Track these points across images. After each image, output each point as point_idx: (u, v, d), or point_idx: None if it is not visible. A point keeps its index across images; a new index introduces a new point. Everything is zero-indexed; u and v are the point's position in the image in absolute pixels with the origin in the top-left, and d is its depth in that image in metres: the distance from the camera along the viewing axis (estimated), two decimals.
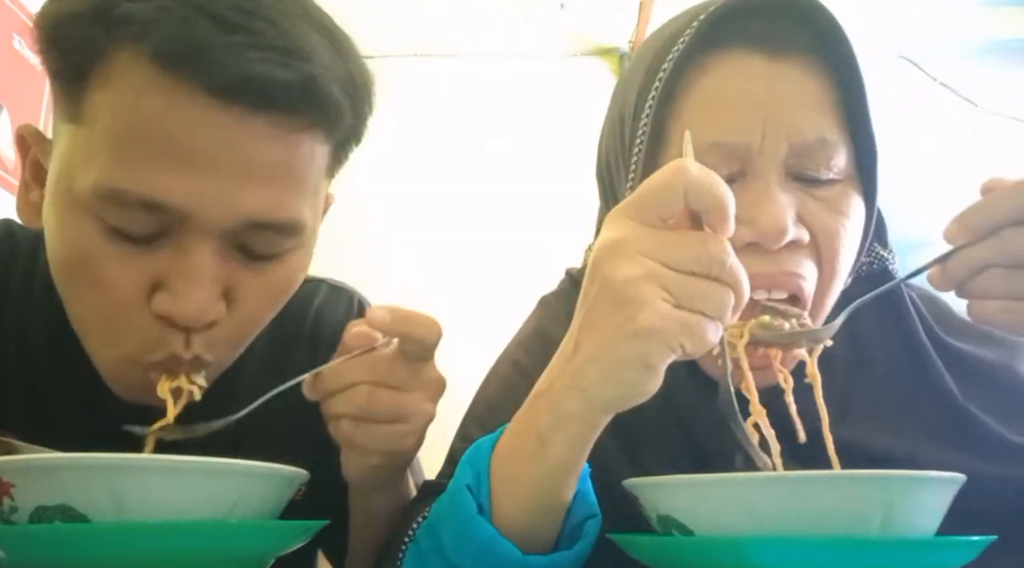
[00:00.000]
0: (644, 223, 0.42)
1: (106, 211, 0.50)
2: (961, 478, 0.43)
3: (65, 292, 0.55)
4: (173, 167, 0.49)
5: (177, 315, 0.51)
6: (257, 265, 0.55)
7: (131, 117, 0.49)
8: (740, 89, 0.54)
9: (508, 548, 0.45)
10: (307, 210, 0.55)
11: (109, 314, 0.53)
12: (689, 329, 0.40)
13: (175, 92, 0.48)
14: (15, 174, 1.79)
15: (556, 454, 0.45)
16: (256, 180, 0.51)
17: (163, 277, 0.52)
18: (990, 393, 0.59)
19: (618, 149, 0.61)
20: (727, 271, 0.41)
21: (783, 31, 0.54)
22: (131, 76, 0.49)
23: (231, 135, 0.50)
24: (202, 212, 0.50)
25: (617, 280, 0.41)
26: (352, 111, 0.56)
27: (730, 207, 0.42)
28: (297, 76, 0.50)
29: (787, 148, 0.53)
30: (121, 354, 0.54)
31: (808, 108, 0.53)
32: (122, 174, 0.49)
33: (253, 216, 0.52)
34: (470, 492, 0.47)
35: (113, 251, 0.51)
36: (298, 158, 0.53)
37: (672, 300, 0.41)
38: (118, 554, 0.40)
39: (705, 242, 0.41)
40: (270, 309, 0.59)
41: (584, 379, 0.43)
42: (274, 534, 0.47)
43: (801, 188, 0.54)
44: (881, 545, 0.40)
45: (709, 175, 0.42)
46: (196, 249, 0.51)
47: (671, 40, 0.56)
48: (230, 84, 0.48)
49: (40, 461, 0.41)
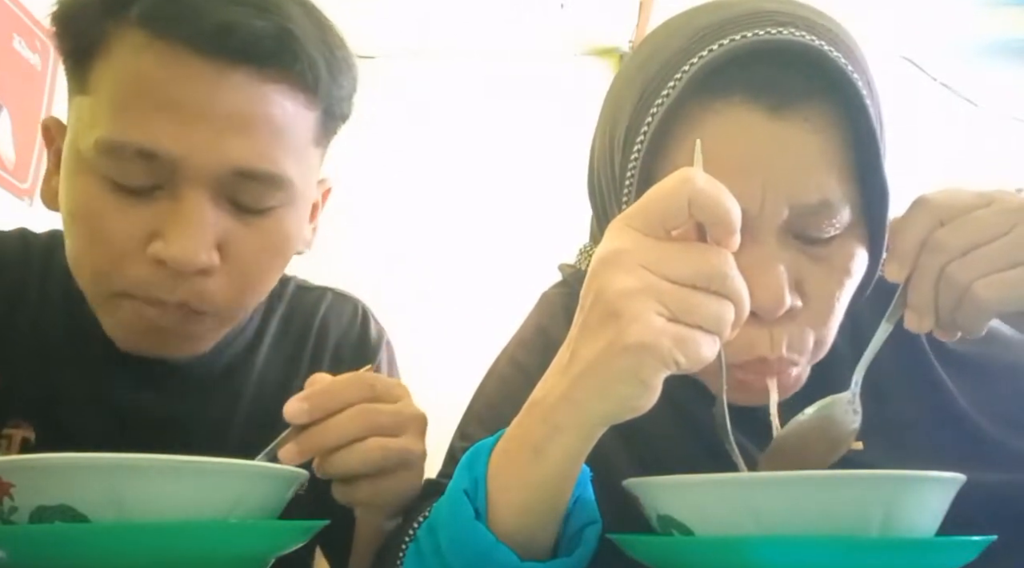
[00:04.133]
0: (646, 233, 0.41)
1: (107, 165, 0.56)
2: (961, 478, 0.43)
3: (73, 246, 0.60)
4: (164, 119, 0.55)
5: (169, 258, 0.55)
6: (248, 218, 0.59)
7: (126, 78, 0.55)
8: (739, 151, 0.49)
9: (506, 554, 0.45)
10: (292, 167, 0.59)
11: (110, 261, 0.57)
12: (684, 344, 0.39)
13: (163, 52, 0.55)
14: (15, 174, 1.79)
15: (551, 464, 0.45)
16: (240, 130, 0.56)
17: (159, 226, 0.56)
18: (992, 397, 0.59)
19: (609, 174, 0.59)
20: (728, 285, 0.40)
21: (788, 79, 0.49)
22: (126, 44, 0.56)
23: (215, 87, 0.55)
24: (191, 159, 0.55)
25: (612, 292, 0.41)
26: (330, 76, 0.61)
27: (736, 220, 0.40)
28: (272, 27, 0.56)
29: (787, 211, 0.50)
30: (115, 291, 0.58)
31: (811, 169, 0.49)
32: (120, 129, 0.55)
33: (238, 164, 0.56)
34: (467, 497, 0.47)
35: (114, 204, 0.56)
36: (280, 111, 0.58)
37: (668, 314, 0.40)
38: (118, 554, 0.40)
39: (707, 254, 0.40)
40: (264, 267, 0.61)
41: (578, 392, 0.43)
42: (274, 534, 0.47)
43: (800, 248, 0.51)
44: (881, 545, 0.40)
45: (715, 186, 0.40)
46: (188, 198, 0.56)
47: (664, 74, 0.51)
48: (210, 35, 0.54)
49: (40, 461, 0.41)
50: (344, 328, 0.78)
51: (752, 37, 0.49)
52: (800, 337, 0.52)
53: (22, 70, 1.82)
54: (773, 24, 0.50)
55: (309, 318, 0.76)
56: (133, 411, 0.67)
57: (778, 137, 0.49)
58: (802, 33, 0.49)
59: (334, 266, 2.56)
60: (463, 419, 0.68)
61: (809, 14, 0.52)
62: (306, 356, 0.74)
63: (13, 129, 1.78)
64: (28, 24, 1.83)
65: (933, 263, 0.47)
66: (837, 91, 0.50)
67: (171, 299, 0.57)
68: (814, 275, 0.52)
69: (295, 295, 0.78)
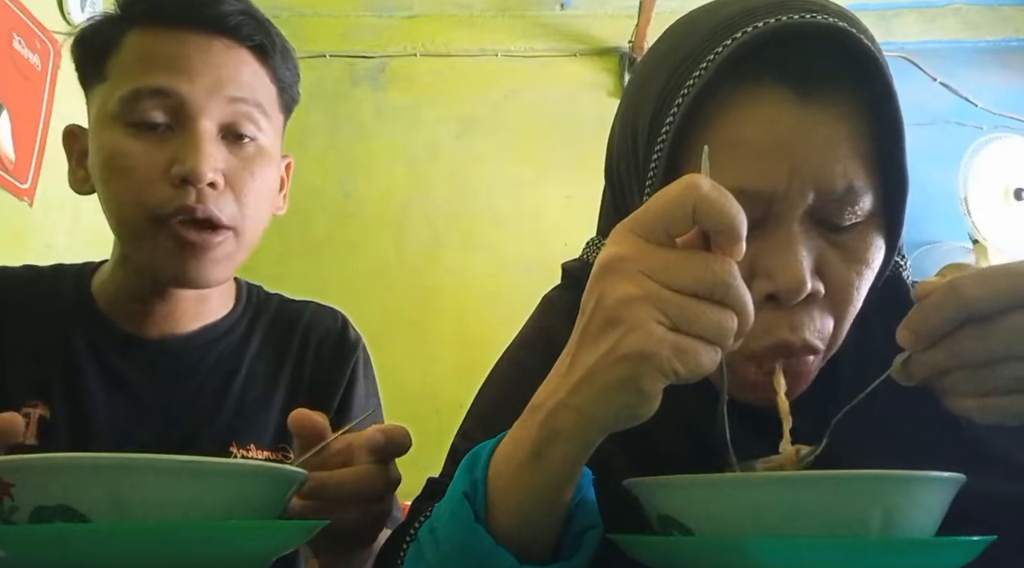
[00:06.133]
0: (649, 240, 0.41)
1: (129, 111, 0.73)
2: (961, 478, 0.43)
3: (107, 189, 0.75)
4: (170, 72, 0.73)
5: (186, 172, 0.71)
6: (237, 150, 0.76)
7: (137, 55, 0.74)
8: (768, 134, 0.49)
9: (506, 557, 0.45)
10: (264, 101, 0.78)
11: (140, 190, 0.72)
12: (683, 354, 0.39)
13: (162, 32, 0.74)
14: (15, 174, 1.79)
15: (550, 468, 0.45)
16: (228, 77, 0.75)
17: (175, 154, 0.72)
18: None
19: (630, 164, 0.59)
20: (731, 295, 0.39)
21: (817, 62, 0.49)
22: (134, 35, 0.75)
23: (204, 50, 0.75)
24: (194, 95, 0.73)
25: (612, 299, 0.40)
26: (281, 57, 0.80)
27: (741, 228, 0.40)
28: (237, 8, 0.77)
29: (813, 196, 0.50)
30: (148, 215, 0.72)
31: (839, 155, 0.49)
32: (137, 82, 0.73)
33: (230, 93, 0.75)
34: (467, 500, 0.47)
35: (137, 145, 0.73)
36: (252, 69, 0.78)
37: (668, 323, 0.39)
38: (118, 554, 0.40)
39: (710, 263, 0.40)
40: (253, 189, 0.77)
41: (577, 398, 0.42)
42: (274, 534, 0.47)
43: (822, 234, 0.51)
44: (881, 545, 0.40)
45: (721, 193, 0.40)
46: (196, 130, 0.73)
47: (692, 59, 0.52)
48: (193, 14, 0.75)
49: (40, 461, 0.41)
50: (325, 330, 0.89)
51: (784, 21, 0.49)
52: (820, 323, 0.51)
53: (22, 70, 1.82)
54: (802, 10, 0.50)
55: (294, 323, 0.89)
56: (138, 393, 0.78)
57: (807, 121, 0.49)
58: (831, 18, 0.50)
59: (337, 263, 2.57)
60: (464, 420, 0.68)
61: (832, 4, 0.52)
62: (291, 352, 0.86)
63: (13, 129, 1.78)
64: (28, 24, 1.83)
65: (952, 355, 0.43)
66: (865, 78, 0.50)
67: (196, 209, 0.72)
68: (834, 262, 0.51)
69: (280, 305, 0.91)
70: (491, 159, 2.72)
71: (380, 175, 2.69)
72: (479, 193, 2.68)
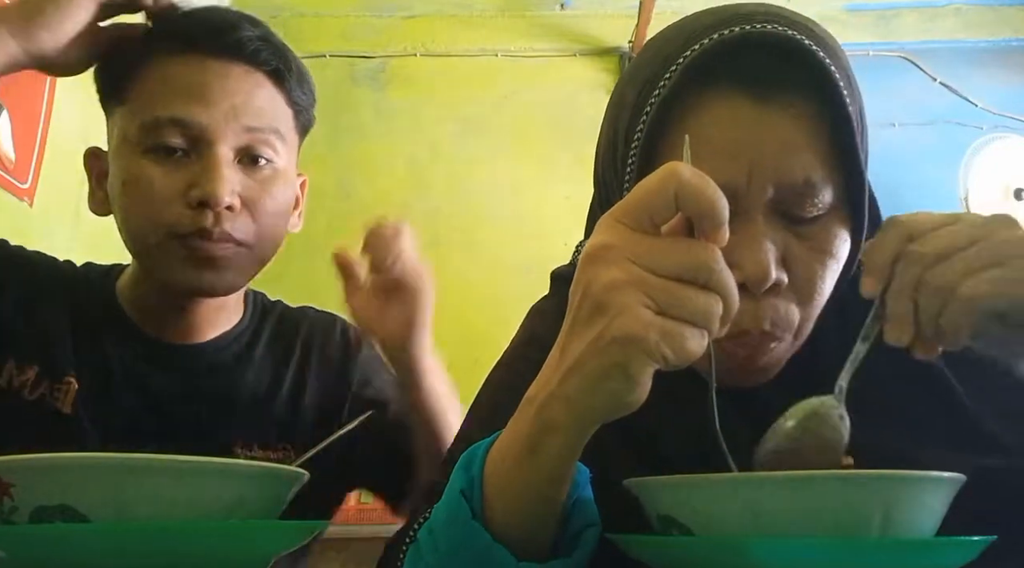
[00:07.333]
0: (634, 228, 0.42)
1: (147, 137, 0.75)
2: (961, 478, 0.43)
3: (126, 210, 0.77)
4: (190, 100, 0.75)
5: (203, 196, 0.74)
6: (253, 173, 0.79)
7: (159, 80, 0.77)
8: (727, 135, 0.53)
9: (503, 554, 0.45)
10: (281, 128, 0.81)
11: (158, 211, 0.75)
12: (671, 338, 0.39)
13: (184, 58, 0.77)
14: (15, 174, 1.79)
15: (544, 462, 0.45)
16: (245, 102, 0.77)
17: (193, 180, 0.75)
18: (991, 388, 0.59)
19: (611, 168, 0.61)
20: (715, 279, 0.40)
21: (773, 69, 0.53)
22: (155, 61, 0.77)
23: (223, 76, 0.77)
24: (213, 125, 0.75)
25: (599, 285, 0.41)
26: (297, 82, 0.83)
27: (723, 213, 0.41)
28: (257, 35, 0.80)
29: (773, 190, 0.53)
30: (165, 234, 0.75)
31: (794, 150, 0.53)
32: (156, 109, 0.75)
33: (247, 122, 0.77)
34: (464, 497, 0.47)
35: (156, 169, 0.75)
36: (270, 94, 0.80)
37: (655, 307, 0.40)
38: (118, 554, 0.40)
39: (694, 248, 0.41)
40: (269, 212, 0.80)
41: (567, 387, 0.42)
42: (274, 534, 0.47)
43: (786, 226, 0.54)
44: (881, 545, 0.41)
45: (702, 179, 0.41)
46: (213, 156, 0.75)
47: (663, 67, 0.56)
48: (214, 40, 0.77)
49: (40, 461, 0.41)
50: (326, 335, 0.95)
51: (740, 31, 0.53)
52: (785, 312, 0.54)
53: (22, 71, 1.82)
54: (758, 21, 0.54)
55: (295, 329, 0.94)
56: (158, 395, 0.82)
57: (763, 121, 0.53)
58: (784, 28, 0.53)
59: None
60: (462, 425, 0.69)
61: (792, 15, 0.56)
62: (294, 357, 0.91)
63: (13, 129, 1.78)
64: None
65: (909, 273, 0.47)
66: (818, 82, 0.53)
67: (213, 232, 0.75)
68: (799, 252, 0.54)
69: (282, 312, 0.96)
70: (491, 159, 2.72)
71: (380, 175, 2.69)
72: (479, 193, 2.68)
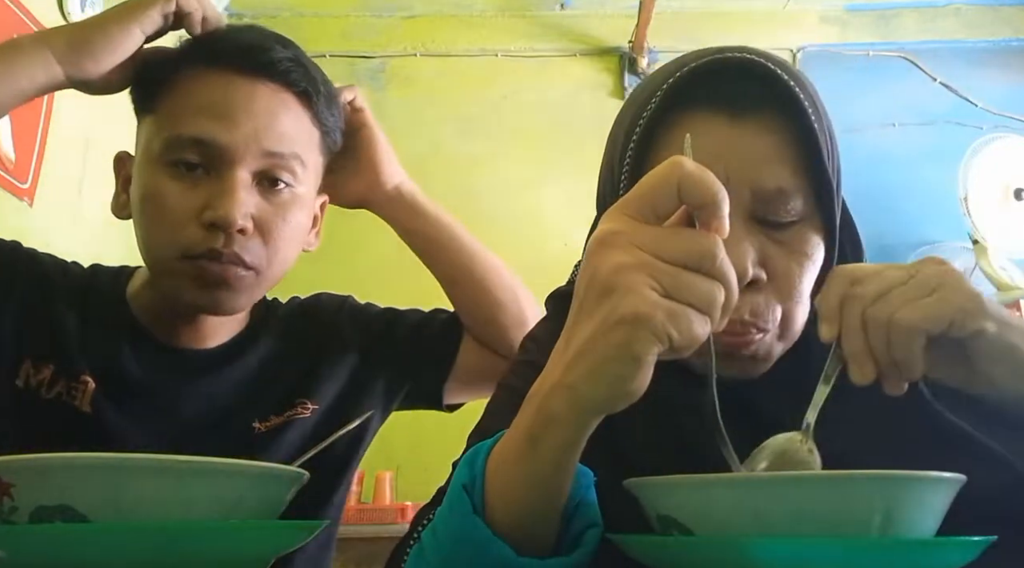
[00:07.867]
0: (638, 219, 0.43)
1: (169, 152, 0.76)
2: (961, 478, 0.43)
3: (144, 225, 0.79)
4: (213, 118, 0.76)
5: (216, 218, 0.74)
6: (271, 194, 0.79)
7: (185, 94, 0.77)
8: (706, 148, 0.55)
9: (503, 549, 0.45)
10: (303, 152, 0.80)
11: (173, 229, 0.76)
12: (676, 319, 0.40)
13: (211, 74, 0.78)
14: (15, 174, 1.79)
15: (546, 455, 0.45)
16: (268, 125, 0.77)
17: (208, 200, 0.75)
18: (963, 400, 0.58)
19: (609, 183, 0.65)
20: (718, 267, 0.42)
21: (744, 91, 0.58)
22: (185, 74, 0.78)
23: (248, 95, 0.77)
24: (233, 146, 0.75)
25: (607, 268, 0.42)
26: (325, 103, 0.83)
27: (724, 204, 0.42)
28: (288, 55, 0.80)
29: (750, 195, 0.57)
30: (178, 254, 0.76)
31: (767, 161, 0.57)
32: (180, 126, 0.76)
33: (267, 147, 0.77)
34: (466, 492, 0.47)
35: (174, 186, 0.76)
36: (295, 115, 0.80)
37: (661, 290, 0.41)
38: (118, 554, 0.40)
39: (697, 237, 0.42)
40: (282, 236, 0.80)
41: (572, 375, 0.43)
42: (274, 534, 0.47)
43: (763, 231, 0.58)
44: (881, 545, 0.41)
45: (703, 171, 0.42)
46: (230, 177, 0.76)
47: (651, 94, 0.61)
48: (244, 58, 0.78)
49: (40, 461, 0.41)
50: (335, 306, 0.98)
51: (713, 59, 0.60)
52: (765, 306, 0.58)
53: None
54: (734, 52, 0.60)
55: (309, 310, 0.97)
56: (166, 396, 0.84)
57: (738, 136, 0.58)
58: (755, 58, 0.59)
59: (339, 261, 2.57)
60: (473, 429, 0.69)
61: (765, 52, 0.61)
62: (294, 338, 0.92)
63: (13, 129, 1.78)
64: (28, 24, 1.83)
65: (854, 311, 0.51)
66: (785, 104, 0.58)
67: (224, 255, 0.75)
68: (777, 254, 0.58)
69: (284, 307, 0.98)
70: (491, 159, 2.72)
71: None
72: (479, 193, 2.68)
